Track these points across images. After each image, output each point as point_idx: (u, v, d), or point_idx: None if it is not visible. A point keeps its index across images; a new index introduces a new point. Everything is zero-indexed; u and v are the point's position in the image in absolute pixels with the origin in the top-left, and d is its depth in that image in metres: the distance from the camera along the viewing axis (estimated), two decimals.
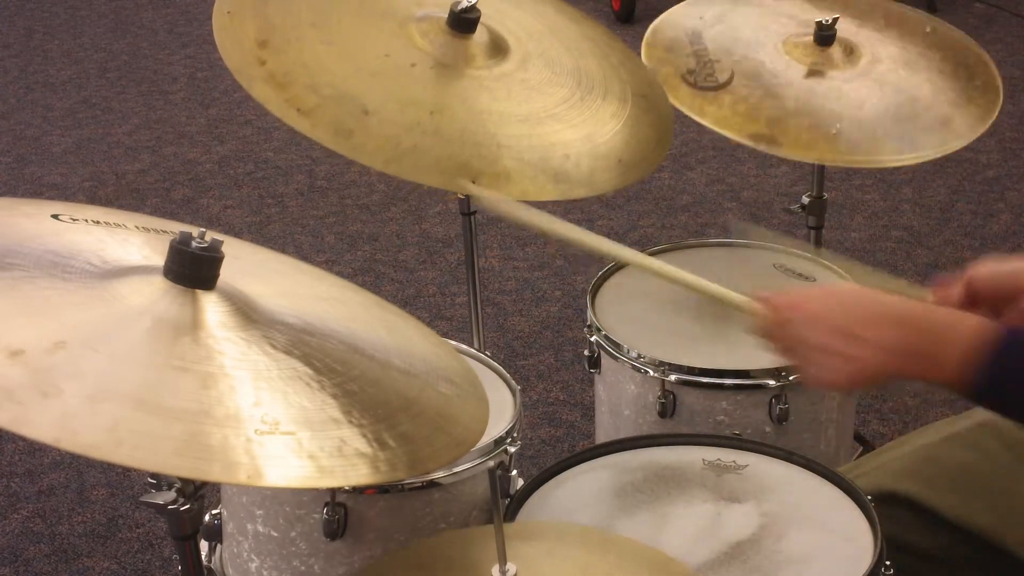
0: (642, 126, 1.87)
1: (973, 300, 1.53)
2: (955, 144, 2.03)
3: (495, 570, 1.30)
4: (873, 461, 1.71)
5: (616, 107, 1.85)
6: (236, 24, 1.69)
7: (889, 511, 1.58)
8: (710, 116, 2.03)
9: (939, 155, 2.02)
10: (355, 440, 1.16)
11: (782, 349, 1.44)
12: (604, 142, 1.80)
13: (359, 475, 1.15)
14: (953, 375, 1.32)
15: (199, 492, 1.29)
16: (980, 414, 1.68)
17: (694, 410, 1.89)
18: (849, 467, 1.76)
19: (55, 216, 1.33)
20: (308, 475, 1.12)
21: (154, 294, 1.20)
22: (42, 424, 1.03)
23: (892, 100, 2.07)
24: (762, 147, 2.00)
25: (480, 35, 1.79)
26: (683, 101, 2.03)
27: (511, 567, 1.30)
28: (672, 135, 1.93)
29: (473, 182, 1.67)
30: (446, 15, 1.77)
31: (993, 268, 1.54)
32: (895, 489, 1.61)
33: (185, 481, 1.28)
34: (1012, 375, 1.30)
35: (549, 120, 1.77)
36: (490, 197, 1.62)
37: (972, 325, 1.33)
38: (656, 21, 2.18)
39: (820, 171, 2.36)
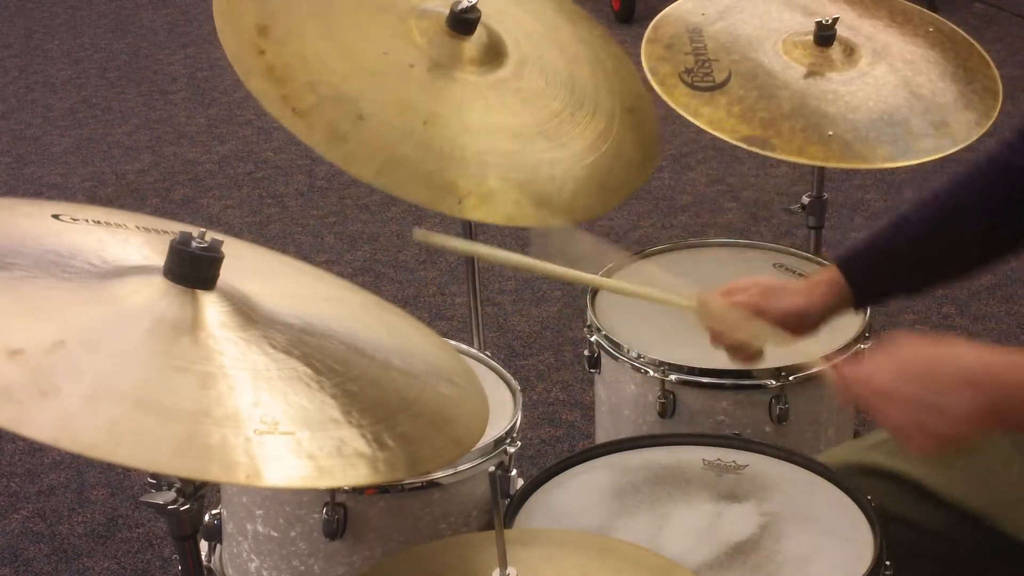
0: (627, 146, 1.85)
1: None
2: (950, 149, 2.02)
3: (495, 574, 1.30)
4: (871, 439, 1.71)
5: (604, 125, 1.83)
6: (236, 9, 1.68)
7: (888, 487, 1.59)
8: (704, 118, 2.02)
9: (932, 159, 2.02)
10: (354, 440, 1.16)
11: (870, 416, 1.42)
12: (589, 163, 1.78)
13: (358, 475, 1.15)
14: None
15: (199, 492, 1.29)
16: None
17: (694, 410, 1.89)
18: (848, 444, 1.75)
19: (55, 216, 1.33)
20: (307, 475, 1.12)
21: (154, 294, 1.20)
22: (41, 424, 1.03)
23: (889, 104, 2.06)
24: (755, 149, 1.99)
25: (479, 37, 1.78)
26: (679, 102, 2.03)
27: (511, 571, 1.30)
28: (657, 155, 1.91)
29: (459, 202, 1.65)
30: (447, 13, 1.76)
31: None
32: (893, 467, 1.62)
33: (185, 481, 1.28)
34: None
35: (538, 137, 1.76)
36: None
37: None
38: (658, 17, 2.17)
39: (820, 171, 2.36)
